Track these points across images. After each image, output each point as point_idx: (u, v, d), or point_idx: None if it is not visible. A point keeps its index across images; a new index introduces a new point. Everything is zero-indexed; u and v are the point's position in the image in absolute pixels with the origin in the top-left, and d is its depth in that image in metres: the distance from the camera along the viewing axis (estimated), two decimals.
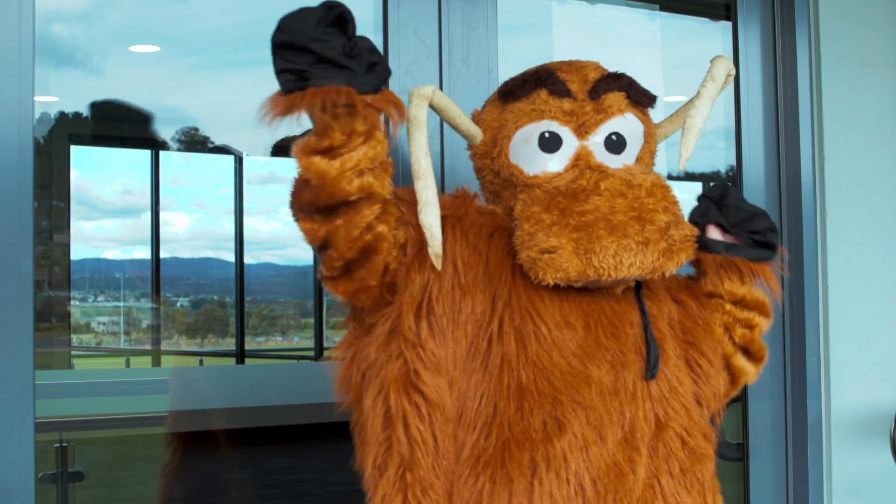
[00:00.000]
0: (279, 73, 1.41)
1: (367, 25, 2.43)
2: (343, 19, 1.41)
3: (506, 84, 1.70)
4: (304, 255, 9.79)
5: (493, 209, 1.69)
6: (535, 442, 1.51)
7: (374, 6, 2.36)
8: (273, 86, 1.46)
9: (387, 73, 1.47)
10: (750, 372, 1.83)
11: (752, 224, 1.78)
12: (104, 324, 10.74)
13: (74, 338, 9.50)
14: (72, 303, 8.42)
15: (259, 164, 9.39)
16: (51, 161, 6.95)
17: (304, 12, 1.40)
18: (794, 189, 2.82)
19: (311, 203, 1.46)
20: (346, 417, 1.68)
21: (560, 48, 2.86)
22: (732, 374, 1.81)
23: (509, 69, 1.74)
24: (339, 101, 1.38)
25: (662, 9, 3.13)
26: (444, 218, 1.58)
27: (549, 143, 1.62)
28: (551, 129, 1.62)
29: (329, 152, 1.42)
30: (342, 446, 1.66)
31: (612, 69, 1.71)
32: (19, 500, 1.86)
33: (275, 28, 1.42)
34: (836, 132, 2.84)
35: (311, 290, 9.32)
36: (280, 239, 10.63)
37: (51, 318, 7.23)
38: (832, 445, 2.80)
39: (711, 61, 1.76)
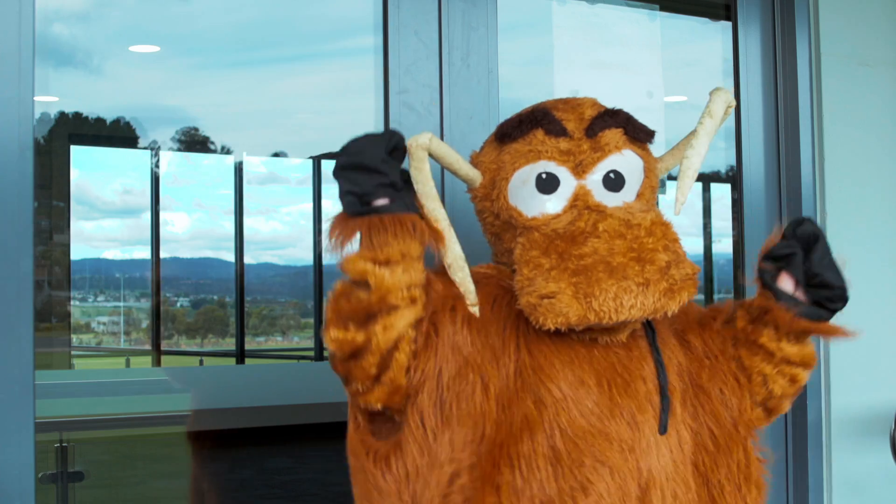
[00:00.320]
0: (344, 194, 1.48)
1: (367, 25, 2.43)
2: (400, 147, 1.50)
3: (502, 126, 1.69)
4: (304, 255, 9.78)
5: (487, 272, 1.69)
6: (562, 502, 1.51)
7: (374, 6, 2.36)
8: (272, 85, 1.47)
9: (417, 210, 1.55)
10: (784, 409, 1.78)
11: (829, 293, 1.66)
12: (104, 324, 10.75)
13: (74, 338, 9.50)
14: (72, 303, 8.42)
15: (259, 164, 9.39)
16: (51, 161, 6.95)
17: (374, 137, 1.48)
18: (794, 189, 2.82)
19: (358, 307, 1.49)
20: (345, 417, 1.67)
21: (560, 48, 2.86)
22: (767, 410, 1.76)
23: (509, 69, 1.74)
24: (413, 230, 1.47)
25: (662, 9, 3.13)
26: (438, 299, 1.58)
27: (547, 184, 1.62)
28: (548, 170, 1.62)
29: (385, 264, 1.48)
30: (342, 446, 1.66)
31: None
32: (19, 500, 1.86)
33: (342, 149, 1.49)
34: (836, 132, 2.84)
35: (311, 290, 9.31)
36: (280, 239, 10.64)
37: (51, 318, 7.23)
38: (832, 445, 2.80)
39: (710, 94, 1.72)
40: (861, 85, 2.90)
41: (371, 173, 1.46)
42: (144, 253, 8.86)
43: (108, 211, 10.56)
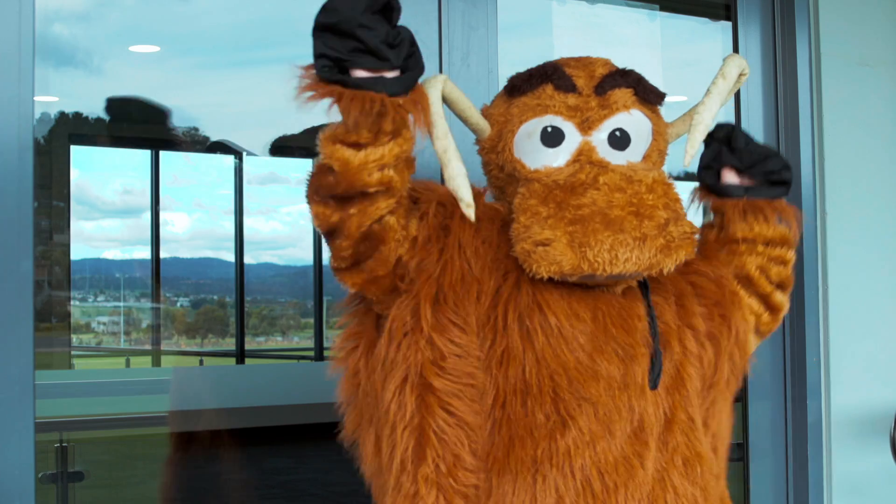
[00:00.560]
0: (317, 56, 1.40)
1: None
2: (390, 7, 1.41)
3: (512, 79, 1.69)
4: (304, 255, 9.79)
5: (499, 206, 1.68)
6: (538, 438, 1.50)
7: None
8: (272, 85, 1.47)
9: (420, 70, 1.47)
10: (786, 304, 1.85)
11: (767, 164, 1.78)
12: (104, 324, 10.75)
13: (74, 338, 9.50)
14: (72, 303, 8.42)
15: (259, 164, 9.39)
16: (51, 161, 6.96)
17: None
18: (794, 189, 2.82)
19: (329, 189, 1.46)
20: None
21: (560, 48, 2.86)
22: (774, 309, 1.82)
23: (509, 69, 1.74)
24: (372, 110, 1.39)
25: (662, 9, 3.13)
26: (455, 206, 1.58)
27: (552, 138, 1.61)
28: (554, 124, 1.61)
29: (355, 146, 1.43)
30: (342, 446, 1.66)
31: (622, 66, 1.71)
32: (19, 500, 1.86)
33: (320, 8, 1.38)
34: (836, 132, 2.84)
35: (311, 290, 9.32)
36: (280, 239, 10.65)
37: (51, 318, 7.23)
38: (832, 445, 2.80)
39: (724, 59, 1.74)
40: (861, 85, 2.90)
41: (345, 37, 1.38)
42: (144, 253, 8.87)
43: (108, 211, 10.58)
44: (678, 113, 1.80)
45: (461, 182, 1.51)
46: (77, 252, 8.71)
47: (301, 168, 9.04)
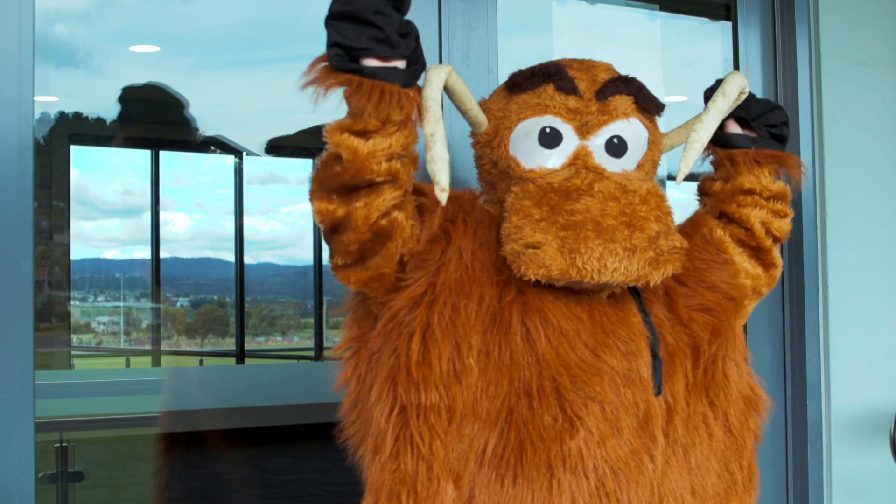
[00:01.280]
0: (331, 45, 1.40)
1: None
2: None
3: (514, 75, 1.69)
4: (304, 255, 9.79)
5: (493, 209, 1.68)
6: (548, 440, 1.50)
7: None
8: (272, 85, 1.46)
9: (424, 64, 1.48)
10: (780, 261, 1.86)
11: (772, 117, 1.81)
12: (104, 324, 10.74)
13: (74, 338, 9.50)
14: (72, 303, 8.42)
15: (259, 164, 9.39)
16: (51, 161, 6.95)
17: None
18: (793, 189, 2.82)
19: (336, 179, 1.46)
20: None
21: (560, 48, 2.86)
22: (771, 266, 1.83)
23: (509, 69, 1.73)
24: (391, 100, 1.40)
25: (662, 9, 3.13)
26: (455, 210, 1.58)
27: (549, 139, 1.61)
28: (553, 125, 1.61)
29: (363, 134, 1.43)
30: (342, 446, 1.66)
31: (624, 72, 1.70)
32: (19, 500, 1.86)
33: None
34: (836, 132, 2.84)
35: (311, 290, 9.32)
36: (280, 239, 10.64)
37: (51, 318, 7.23)
38: (832, 445, 2.80)
39: (726, 76, 1.75)
40: (861, 85, 2.90)
41: (362, 25, 1.38)
42: (144, 253, 8.86)
43: (108, 211, 10.57)
44: (678, 113, 1.80)
45: (441, 166, 1.48)
46: (77, 252, 8.71)
47: (301, 168, 9.04)
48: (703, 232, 1.78)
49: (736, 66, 2.87)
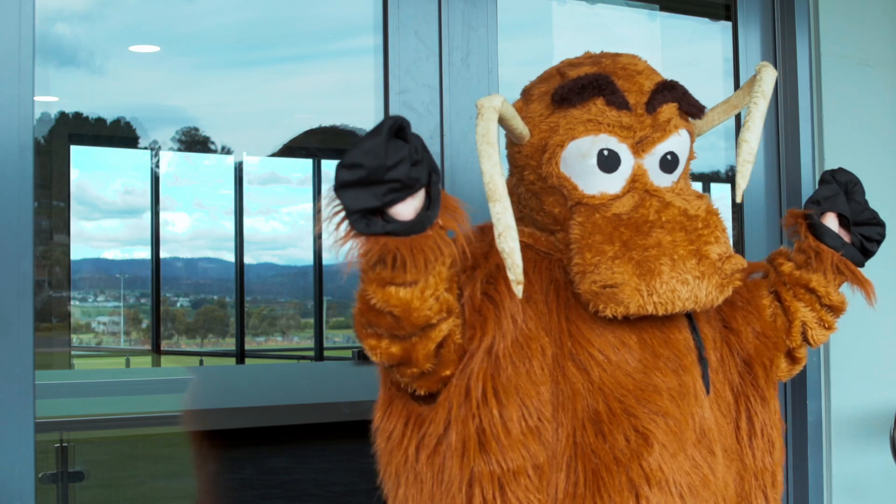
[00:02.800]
0: (352, 213, 1.28)
1: (367, 25, 2.43)
2: (401, 126, 1.30)
3: (561, 88, 1.61)
4: (304, 255, 9.79)
5: (521, 241, 1.60)
6: (625, 461, 1.51)
7: (374, 6, 2.36)
8: (272, 85, 1.44)
9: (438, 175, 1.38)
10: (805, 360, 1.86)
11: (871, 230, 1.82)
12: (104, 324, 10.75)
13: (74, 338, 9.50)
14: (72, 303, 8.42)
15: (259, 164, 9.39)
16: (51, 161, 6.96)
17: (372, 142, 1.25)
18: (794, 189, 2.82)
19: (391, 329, 1.41)
20: (345, 417, 1.67)
21: (560, 48, 2.86)
22: (795, 361, 1.84)
23: (509, 69, 1.73)
24: (438, 257, 1.34)
25: (662, 9, 3.13)
26: (494, 271, 1.54)
27: (608, 163, 1.59)
28: (610, 147, 1.58)
29: (408, 284, 1.36)
30: (342, 446, 1.66)
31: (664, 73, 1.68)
32: (19, 500, 1.86)
33: (339, 167, 1.27)
34: (836, 132, 2.84)
35: (311, 290, 9.32)
36: (280, 239, 10.63)
37: (51, 318, 7.24)
38: (832, 445, 2.80)
39: (759, 72, 1.71)
40: (861, 85, 2.90)
41: (377, 186, 1.27)
42: (144, 253, 8.87)
43: (108, 211, 10.58)
44: None
45: (516, 260, 1.42)
46: (77, 252, 8.71)
47: (301, 168, 9.04)
48: (757, 302, 1.79)
49: (736, 66, 2.87)
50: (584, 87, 1.59)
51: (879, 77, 2.93)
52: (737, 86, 2.83)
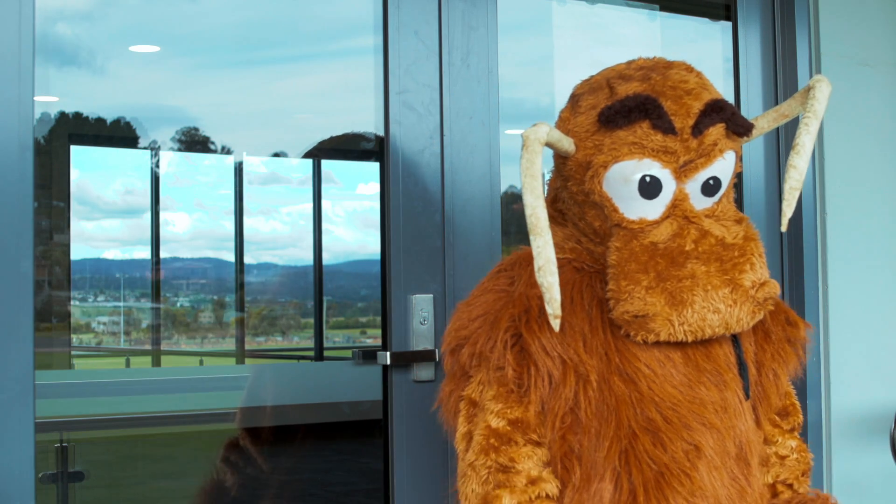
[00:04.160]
0: None
1: (367, 25, 2.43)
2: None
3: (609, 109, 1.60)
4: (304, 255, 9.77)
5: (560, 258, 1.62)
6: (681, 472, 1.55)
7: (374, 6, 2.36)
8: (272, 85, 1.45)
9: None
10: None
11: None
12: (104, 324, 10.73)
13: (74, 338, 9.47)
14: (72, 303, 8.40)
15: (259, 164, 9.38)
16: (51, 161, 6.95)
17: None
18: None
19: None
20: (345, 418, 1.67)
21: (560, 48, 2.86)
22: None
23: (509, 69, 1.73)
24: None
25: (662, 9, 3.13)
26: (525, 304, 1.59)
27: (650, 189, 1.59)
28: (652, 173, 1.59)
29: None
30: (342, 446, 1.66)
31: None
32: (19, 500, 1.86)
33: None
34: (836, 132, 2.84)
35: (311, 290, 9.31)
36: (280, 239, 10.61)
37: (51, 318, 7.22)
38: (832, 445, 2.80)
39: (814, 90, 1.72)
40: (861, 85, 2.90)
41: None
42: (145, 253, 8.85)
43: (108, 211, 10.56)
44: None
45: (554, 295, 1.49)
46: (77, 252, 8.67)
47: (301, 168, 9.04)
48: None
49: (736, 67, 2.87)
50: (630, 111, 1.58)
51: (879, 77, 2.93)
52: (737, 86, 2.83)
